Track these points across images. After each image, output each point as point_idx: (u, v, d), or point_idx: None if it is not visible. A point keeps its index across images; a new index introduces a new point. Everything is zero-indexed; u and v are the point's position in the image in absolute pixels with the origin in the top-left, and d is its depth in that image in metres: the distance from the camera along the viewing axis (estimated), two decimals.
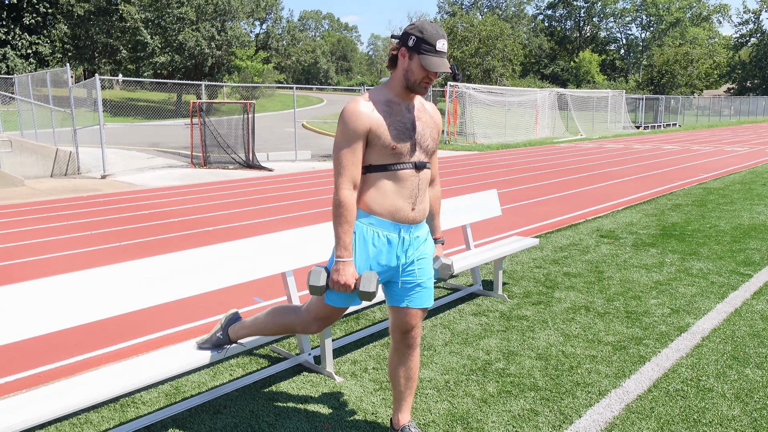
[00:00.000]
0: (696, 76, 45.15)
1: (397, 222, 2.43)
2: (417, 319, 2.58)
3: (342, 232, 2.34)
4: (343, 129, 2.34)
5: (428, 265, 2.57)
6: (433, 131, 2.49)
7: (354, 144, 2.33)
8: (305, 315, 2.61)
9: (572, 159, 17.09)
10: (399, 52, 2.37)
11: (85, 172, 14.36)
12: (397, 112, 2.38)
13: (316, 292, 2.39)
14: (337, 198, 2.34)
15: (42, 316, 2.50)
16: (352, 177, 2.35)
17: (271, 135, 25.83)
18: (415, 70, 2.32)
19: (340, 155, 2.35)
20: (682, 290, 4.85)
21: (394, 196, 2.40)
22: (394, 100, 2.40)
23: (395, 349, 2.65)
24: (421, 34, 2.30)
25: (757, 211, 8.30)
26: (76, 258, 6.23)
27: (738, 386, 3.21)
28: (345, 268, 2.35)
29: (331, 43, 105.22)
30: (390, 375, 2.69)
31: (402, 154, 2.38)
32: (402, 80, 2.38)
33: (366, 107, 2.34)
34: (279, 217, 8.45)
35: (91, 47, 40.92)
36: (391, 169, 2.38)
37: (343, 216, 2.34)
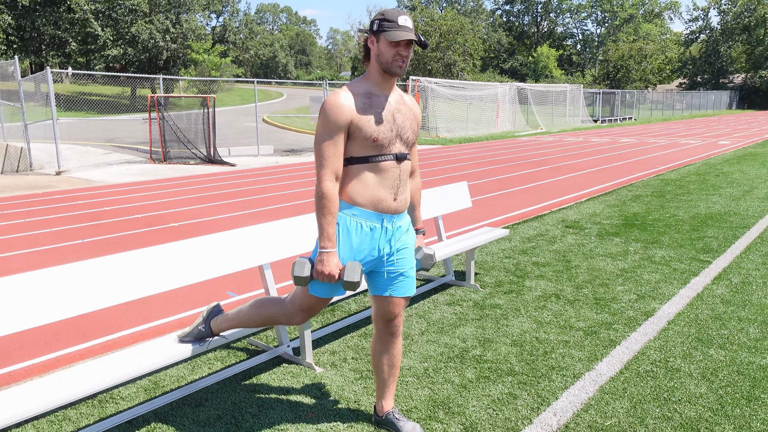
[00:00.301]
0: (649, 71, 46.51)
1: (380, 212, 2.45)
2: (399, 308, 2.62)
3: (325, 224, 2.36)
4: (324, 121, 2.35)
5: (410, 254, 2.61)
6: (412, 123, 2.52)
7: (335, 136, 2.35)
8: (289, 306, 2.62)
9: (534, 152, 17.41)
10: (368, 41, 2.41)
11: (38, 168, 13.89)
12: (377, 104, 2.40)
13: (301, 282, 2.40)
14: (320, 190, 2.35)
15: (9, 314, 2.43)
16: (334, 169, 2.36)
17: (231, 130, 25.46)
18: (384, 49, 2.35)
19: (321, 147, 2.36)
20: (646, 277, 5.03)
21: (376, 187, 2.42)
22: (373, 91, 2.42)
23: (378, 338, 2.68)
24: (383, 15, 2.36)
25: (712, 201, 8.64)
26: (38, 256, 6.04)
27: (703, 366, 3.36)
28: (329, 259, 2.36)
29: (289, 37, 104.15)
30: (373, 363, 2.72)
31: (383, 146, 2.40)
32: (378, 68, 2.40)
33: (347, 99, 2.35)
34: (246, 212, 8.36)
35: (37, 39, 39.44)
36: (372, 161, 2.40)
37: (326, 207, 2.35)
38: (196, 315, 4.30)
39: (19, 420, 2.27)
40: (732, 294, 4.55)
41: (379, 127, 2.38)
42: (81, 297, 2.64)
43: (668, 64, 52.62)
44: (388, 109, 2.43)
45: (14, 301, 2.44)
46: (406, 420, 2.73)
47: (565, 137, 24.24)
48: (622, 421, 2.81)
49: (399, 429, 2.70)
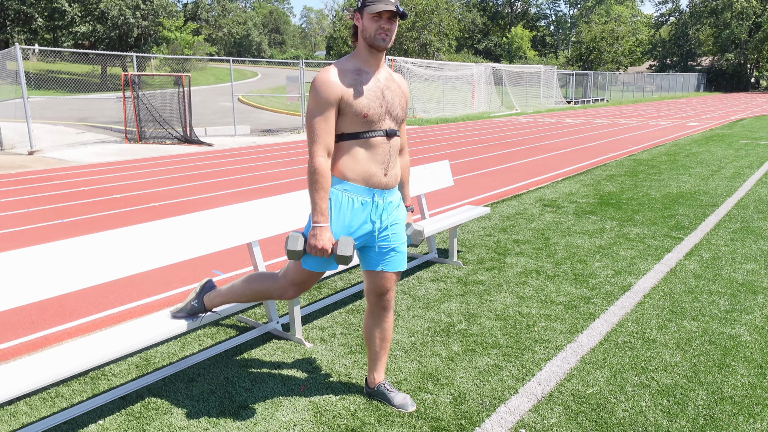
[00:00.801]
0: (621, 53, 47.01)
1: (371, 187, 2.50)
2: (391, 283, 2.69)
3: (318, 198, 2.41)
4: (315, 98, 2.39)
5: (401, 230, 2.67)
6: (401, 100, 2.57)
7: (326, 112, 2.39)
8: (282, 281, 2.66)
9: (509, 133, 17.57)
10: (354, 18, 2.46)
11: (9, 148, 13.57)
12: (366, 80, 2.45)
13: (294, 256, 2.45)
14: (313, 165, 2.40)
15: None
16: (326, 144, 2.41)
17: (206, 109, 25.11)
18: (368, 24, 2.40)
19: (313, 124, 2.40)
20: (622, 253, 5.19)
21: (367, 163, 2.47)
22: (362, 68, 2.46)
23: (370, 312, 2.75)
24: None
25: (683, 180, 8.88)
26: (15, 236, 5.96)
27: (678, 336, 3.52)
28: (322, 233, 2.41)
29: (262, 15, 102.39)
30: (365, 336, 2.80)
31: (373, 122, 2.45)
32: (365, 44, 2.45)
33: (336, 76, 2.39)
34: (226, 192, 8.33)
35: (2, 14, 38.17)
36: (363, 137, 2.45)
37: (318, 183, 2.39)
38: (183, 293, 4.32)
39: (12, 397, 2.28)
40: (703, 269, 4.73)
41: (368, 103, 2.42)
42: (68, 276, 2.64)
43: (639, 46, 53.25)
44: (377, 85, 2.47)
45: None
46: (396, 391, 2.82)
47: (539, 118, 24.48)
48: (603, 389, 2.94)
49: (390, 400, 2.79)
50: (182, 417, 2.71)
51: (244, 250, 5.37)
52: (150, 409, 2.77)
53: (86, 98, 24.16)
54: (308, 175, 2.41)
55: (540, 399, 2.86)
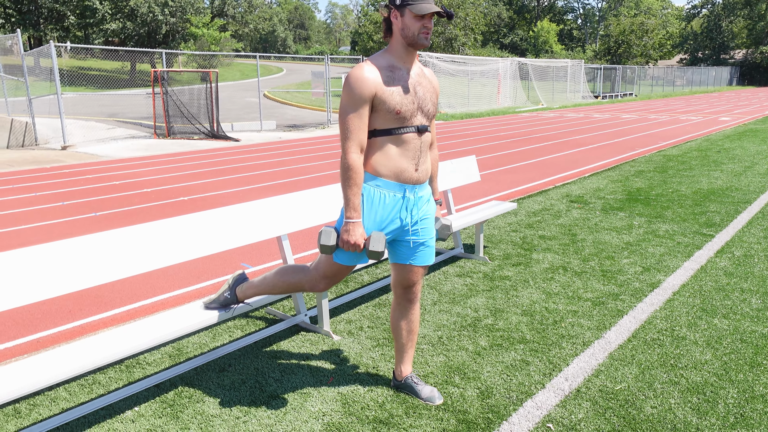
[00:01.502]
0: (650, 47, 46.15)
1: (402, 183, 2.53)
2: (419, 276, 2.72)
3: (351, 194, 2.44)
4: (349, 94, 2.41)
5: (431, 224, 2.70)
6: (432, 96, 2.59)
7: (360, 109, 2.41)
8: (313, 273, 2.71)
9: (535, 128, 17.42)
10: (391, 15, 2.44)
11: (43, 143, 13.90)
12: (399, 77, 2.46)
13: (327, 251, 2.49)
14: (346, 161, 2.42)
15: (32, 283, 2.51)
16: (360, 141, 2.43)
17: (232, 105, 25.38)
18: (409, 23, 2.40)
19: (347, 120, 2.42)
20: (651, 250, 5.13)
21: (398, 158, 2.50)
22: (395, 65, 2.48)
23: (397, 304, 2.78)
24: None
25: (714, 177, 8.72)
26: (51, 229, 6.13)
27: (708, 334, 3.48)
28: (354, 229, 2.45)
29: (288, 11, 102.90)
30: (392, 329, 2.83)
31: (405, 119, 2.47)
32: (401, 42, 2.45)
33: (370, 72, 2.41)
34: (253, 187, 8.44)
35: (35, 12, 39.00)
36: (395, 133, 2.47)
37: (351, 179, 2.42)
38: (214, 285, 4.41)
39: (52, 383, 2.37)
40: (735, 266, 4.66)
41: (401, 100, 2.44)
42: (102, 267, 2.73)
43: (669, 39, 52.18)
44: (410, 81, 2.49)
45: (36, 271, 2.53)
46: (424, 384, 2.85)
47: (566, 113, 24.21)
48: (631, 385, 2.93)
49: (418, 392, 2.82)
50: (214, 405, 2.78)
51: (272, 244, 5.45)
52: (183, 397, 2.85)
53: (116, 94, 24.62)
54: (341, 171, 2.44)
55: (567, 394, 2.86)
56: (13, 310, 3.92)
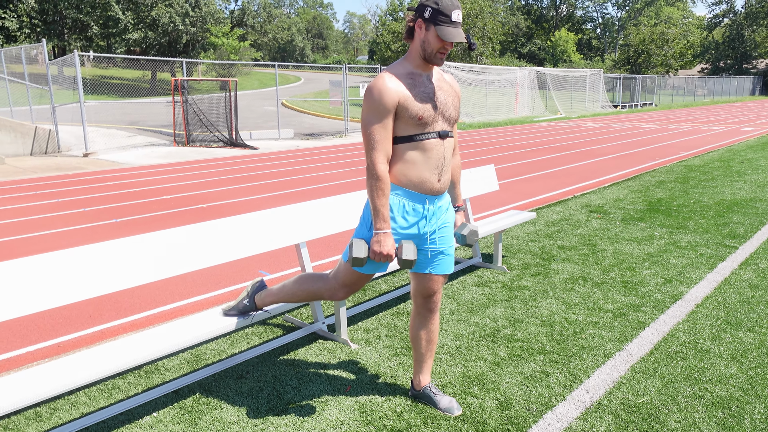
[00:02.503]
0: (671, 56, 45.72)
1: (423, 193, 2.52)
2: (438, 285, 2.70)
3: (380, 205, 2.42)
4: (372, 105, 2.39)
5: (450, 233, 2.68)
6: (454, 100, 2.57)
7: (384, 119, 2.39)
8: (333, 282, 2.70)
9: (554, 137, 17.32)
10: (416, 23, 2.42)
11: (65, 150, 14.12)
12: (419, 83, 2.45)
13: (358, 263, 2.47)
14: (375, 173, 2.41)
15: (53, 288, 2.53)
16: (386, 151, 2.42)
17: (251, 113, 25.59)
18: (432, 40, 2.38)
19: (372, 131, 2.40)
20: (673, 261, 5.05)
21: (421, 168, 2.48)
22: (414, 71, 2.46)
23: (417, 313, 2.76)
24: (437, 5, 2.35)
25: (737, 188, 8.58)
26: (72, 235, 6.21)
27: (733, 348, 3.41)
28: (385, 239, 2.44)
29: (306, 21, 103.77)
30: (411, 338, 2.81)
31: (427, 124, 2.45)
32: (420, 51, 2.44)
33: (392, 82, 2.40)
34: (271, 194, 8.48)
35: (60, 23, 39.77)
36: (417, 139, 2.45)
37: (381, 189, 2.41)
38: (232, 292, 4.42)
39: (72, 388, 2.38)
40: (759, 279, 4.57)
41: (423, 105, 2.42)
42: (122, 273, 2.75)
43: (690, 48, 51.66)
44: (430, 87, 2.47)
45: (58, 277, 2.55)
46: (443, 394, 2.83)
47: (584, 122, 24.04)
48: (654, 399, 2.87)
49: (436, 403, 2.79)
50: (232, 412, 2.78)
51: (291, 252, 5.46)
52: (201, 404, 2.85)
53: (137, 102, 24.94)
54: (370, 182, 2.42)
55: (588, 407, 2.81)
56: (35, 314, 3.97)
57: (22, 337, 3.66)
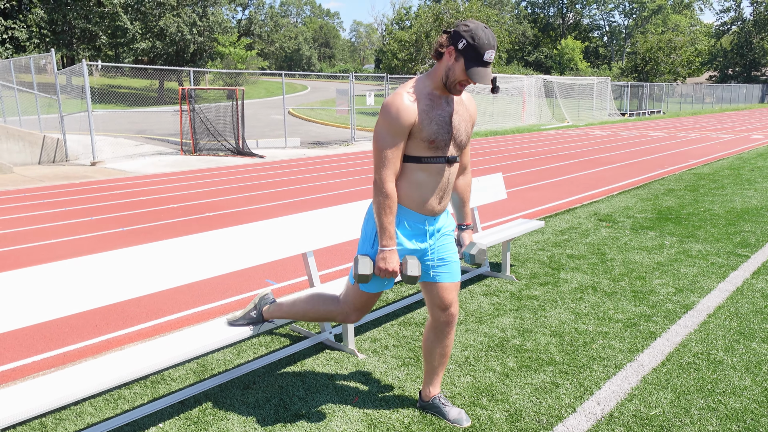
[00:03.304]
0: (679, 64, 45.61)
1: (424, 214, 2.52)
2: (451, 293, 2.64)
3: (387, 223, 2.41)
4: (388, 122, 2.35)
5: (450, 241, 2.66)
6: (468, 125, 2.54)
7: (398, 138, 2.37)
8: (344, 306, 2.68)
9: (561, 146, 17.27)
10: (447, 49, 2.35)
11: (73, 159, 14.20)
12: (437, 106, 2.41)
13: (363, 280, 2.47)
14: (384, 190, 2.39)
15: (60, 298, 2.52)
16: (395, 169, 2.40)
17: (257, 122, 25.69)
18: (458, 72, 2.33)
19: (384, 149, 2.37)
20: (684, 270, 5.00)
21: (425, 190, 2.46)
22: (434, 93, 2.42)
23: (434, 327, 2.70)
24: (473, 40, 2.28)
25: (748, 196, 8.50)
26: (79, 243, 6.22)
27: (747, 359, 3.35)
28: (391, 256, 2.43)
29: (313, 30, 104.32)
30: (425, 350, 2.76)
31: (438, 148, 2.42)
32: (443, 76, 2.38)
33: (411, 102, 2.35)
34: (278, 203, 8.47)
35: (69, 33, 40.14)
36: (425, 162, 2.43)
37: (388, 207, 2.40)
38: (239, 302, 4.40)
39: (78, 398, 2.36)
40: None
41: (438, 130, 2.39)
42: (129, 283, 2.73)
43: (698, 56, 51.51)
44: (447, 110, 2.43)
45: (64, 286, 2.53)
46: (451, 405, 2.78)
47: (592, 130, 23.97)
48: (666, 411, 2.82)
49: (445, 414, 2.75)
50: (239, 423, 2.75)
51: (297, 261, 5.44)
52: (207, 414, 2.82)
53: (144, 111, 25.09)
54: (377, 198, 2.40)
55: (600, 419, 2.76)
56: (41, 324, 3.96)
57: (28, 347, 3.65)
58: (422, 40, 34.50)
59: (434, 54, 2.40)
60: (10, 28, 34.08)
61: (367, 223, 2.59)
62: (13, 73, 16.62)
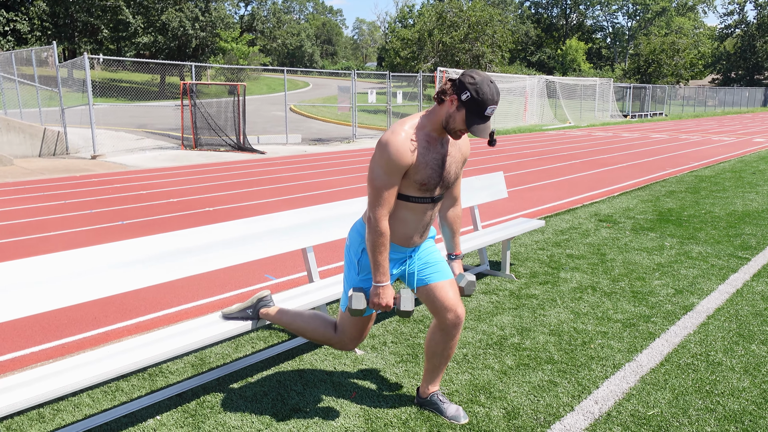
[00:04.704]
0: (682, 66, 45.56)
1: (406, 247, 2.61)
2: (449, 292, 2.62)
3: (382, 260, 2.46)
4: (386, 163, 2.37)
5: (431, 245, 2.74)
6: (458, 166, 2.57)
7: (394, 178, 2.39)
8: (342, 337, 2.73)
9: (563, 146, 17.26)
10: (449, 97, 2.36)
11: (73, 152, 14.19)
12: (433, 148, 2.44)
13: (357, 314, 2.52)
14: (379, 229, 2.42)
15: (57, 289, 2.51)
16: (390, 208, 2.45)
17: (259, 118, 25.67)
18: (458, 121, 2.35)
19: (380, 188, 2.40)
20: (683, 272, 4.99)
21: (409, 226, 2.55)
22: (432, 134, 2.44)
23: (440, 329, 2.67)
24: (477, 95, 2.29)
25: (749, 199, 8.50)
26: (78, 236, 6.21)
27: (746, 361, 3.34)
28: (384, 292, 2.48)
29: (315, 27, 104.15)
30: (428, 350, 2.74)
31: (427, 190, 2.48)
32: (443, 121, 2.40)
33: (409, 144, 2.37)
34: (277, 199, 8.47)
35: (71, 26, 40.08)
36: (412, 201, 2.49)
37: (383, 245, 2.44)
38: (237, 296, 4.39)
39: (76, 389, 2.35)
40: None
41: (431, 174, 2.44)
42: (128, 275, 2.72)
43: (701, 59, 51.45)
44: (442, 153, 2.47)
45: (63, 278, 2.53)
46: (449, 402, 2.78)
47: (594, 131, 23.96)
48: (664, 411, 2.82)
49: (443, 411, 2.75)
50: (236, 417, 2.74)
51: (296, 256, 5.43)
52: (205, 408, 2.82)
53: (146, 106, 25.09)
54: (372, 237, 2.43)
55: (597, 418, 2.76)
56: (39, 315, 3.95)
57: (26, 338, 3.65)
58: (425, 39, 34.47)
59: (436, 98, 2.40)
60: (12, 20, 34.03)
61: (350, 250, 2.65)
62: (15, 65, 16.59)
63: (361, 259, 2.59)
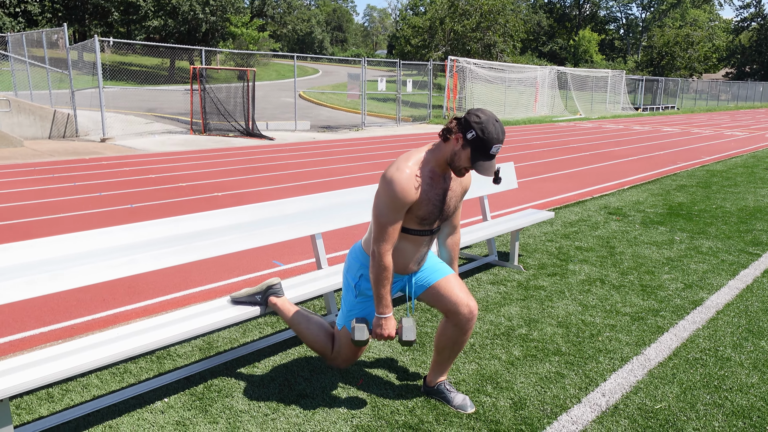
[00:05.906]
0: (695, 59, 45.06)
1: (404, 274, 2.70)
2: (455, 288, 2.63)
3: (385, 293, 2.50)
4: (390, 198, 2.39)
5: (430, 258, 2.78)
6: (458, 198, 2.61)
7: (399, 215, 2.44)
8: (338, 356, 2.80)
9: (573, 138, 17.15)
10: (455, 135, 2.37)
11: (83, 134, 14.23)
12: (436, 184, 2.47)
13: (360, 344, 2.58)
14: (383, 263, 2.46)
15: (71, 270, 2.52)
16: (394, 242, 2.48)
17: (268, 104, 25.62)
18: (463, 159, 2.37)
19: (385, 223, 2.43)
20: (693, 267, 4.96)
21: (407, 256, 2.61)
22: (436, 170, 2.47)
23: (453, 324, 2.66)
24: (482, 134, 2.30)
25: (761, 194, 8.42)
26: (88, 218, 6.24)
27: (755, 357, 3.32)
28: (387, 323, 2.54)
29: (326, 13, 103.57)
30: (438, 343, 2.73)
31: (427, 223, 2.53)
32: (447, 158, 2.42)
33: (414, 182, 2.39)
34: (286, 185, 8.46)
35: (81, 8, 40.02)
36: (411, 233, 2.54)
37: (386, 279, 2.48)
38: (246, 281, 4.40)
39: (85, 370, 2.36)
40: None
41: (432, 209, 2.48)
42: (137, 258, 2.73)
43: (715, 52, 50.83)
44: (443, 187, 2.50)
45: (72, 259, 2.53)
46: (456, 391, 2.78)
47: (604, 124, 23.79)
48: (672, 405, 2.81)
49: (450, 400, 2.75)
50: (243, 401, 2.76)
51: (305, 242, 5.43)
52: (212, 391, 2.83)
53: (155, 89, 25.07)
54: (375, 270, 2.47)
55: (604, 410, 2.75)
56: (49, 296, 3.98)
57: (36, 318, 3.67)
58: (436, 27, 34.20)
59: (442, 135, 2.42)
60: (23, 2, 34.00)
61: (347, 272, 2.71)
62: (25, 47, 16.60)
63: (359, 284, 2.65)
